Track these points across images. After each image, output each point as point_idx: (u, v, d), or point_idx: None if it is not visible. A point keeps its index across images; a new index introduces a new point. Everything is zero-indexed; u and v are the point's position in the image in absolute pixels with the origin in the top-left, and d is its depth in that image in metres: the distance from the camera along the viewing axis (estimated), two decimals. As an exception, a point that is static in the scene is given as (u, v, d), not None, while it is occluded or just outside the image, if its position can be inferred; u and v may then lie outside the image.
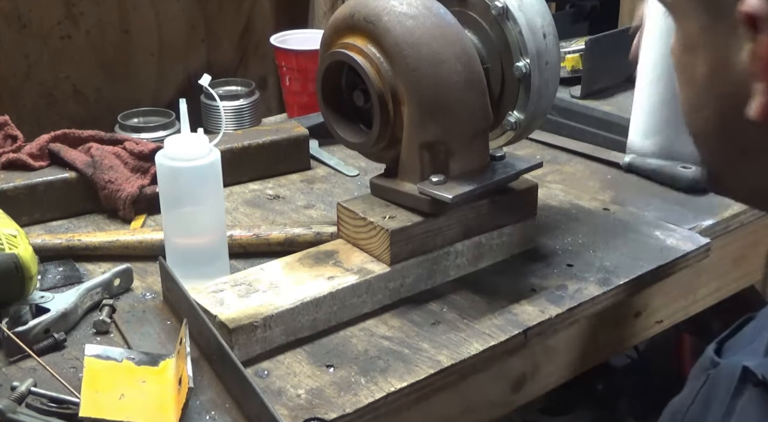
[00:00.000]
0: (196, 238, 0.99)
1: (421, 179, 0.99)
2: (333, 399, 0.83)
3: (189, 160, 0.95)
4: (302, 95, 1.47)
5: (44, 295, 0.92)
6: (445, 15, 0.98)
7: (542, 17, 1.02)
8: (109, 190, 1.13)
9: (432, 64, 0.95)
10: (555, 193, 1.23)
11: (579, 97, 1.41)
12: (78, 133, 1.20)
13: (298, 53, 1.45)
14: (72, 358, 0.88)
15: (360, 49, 0.97)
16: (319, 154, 1.33)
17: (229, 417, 0.80)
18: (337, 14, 1.01)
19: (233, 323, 0.86)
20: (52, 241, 1.05)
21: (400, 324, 0.94)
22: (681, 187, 1.23)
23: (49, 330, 0.89)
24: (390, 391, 0.84)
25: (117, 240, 1.05)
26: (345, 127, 1.05)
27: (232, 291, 0.92)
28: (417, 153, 0.98)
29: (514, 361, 0.95)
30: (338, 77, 1.04)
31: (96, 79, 1.51)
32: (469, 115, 0.99)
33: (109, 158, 1.15)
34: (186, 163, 0.95)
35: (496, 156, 1.07)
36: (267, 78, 1.70)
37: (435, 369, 0.87)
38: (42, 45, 1.44)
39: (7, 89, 1.43)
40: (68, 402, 0.80)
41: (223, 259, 1.01)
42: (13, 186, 1.12)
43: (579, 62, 1.45)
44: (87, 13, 1.47)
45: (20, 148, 1.17)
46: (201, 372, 0.85)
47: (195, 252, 0.99)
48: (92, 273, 1.03)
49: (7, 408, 0.77)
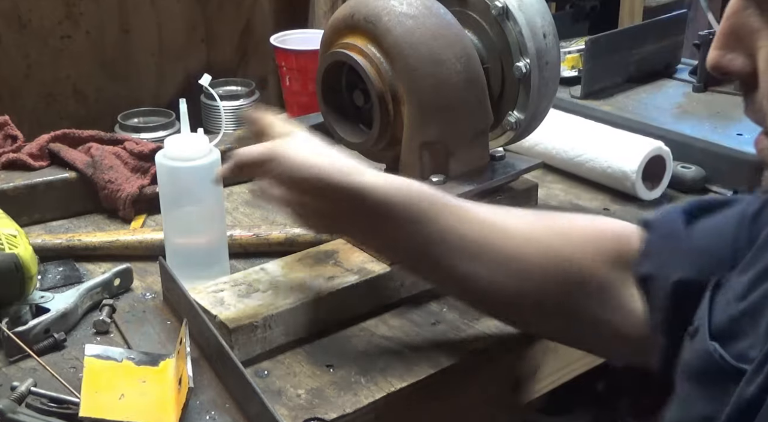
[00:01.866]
0: (196, 238, 0.99)
1: (421, 179, 0.99)
2: (333, 399, 0.83)
3: (188, 160, 0.95)
4: (302, 95, 1.46)
5: (44, 295, 0.92)
6: (445, 15, 0.98)
7: (542, 17, 1.02)
8: (109, 190, 1.13)
9: (432, 64, 0.95)
10: (555, 193, 1.23)
11: (579, 97, 1.41)
12: (78, 133, 1.20)
13: (298, 53, 1.45)
14: (72, 358, 0.88)
15: (360, 49, 0.97)
16: (319, 154, 1.33)
17: (229, 417, 0.80)
18: (337, 14, 1.01)
19: (233, 323, 0.86)
20: (52, 241, 1.05)
21: (400, 324, 0.94)
22: (681, 187, 1.23)
23: (49, 330, 0.89)
24: (390, 391, 0.84)
25: (117, 240, 1.05)
26: (345, 127, 1.05)
27: (232, 291, 0.92)
28: (417, 153, 0.98)
29: (514, 361, 0.95)
30: (338, 77, 1.04)
31: (96, 79, 1.51)
32: (469, 115, 0.99)
33: (109, 158, 1.15)
34: (185, 163, 0.95)
35: (496, 156, 1.07)
36: (267, 78, 1.70)
37: (435, 369, 0.87)
38: (42, 45, 1.44)
39: (7, 89, 1.43)
40: (68, 402, 0.80)
41: (223, 260, 1.01)
42: (13, 186, 1.12)
43: (579, 62, 1.45)
44: (87, 13, 1.47)
45: (20, 148, 1.17)
46: (201, 372, 0.85)
47: (195, 252, 0.99)
48: (92, 273, 1.03)
49: (7, 408, 0.77)
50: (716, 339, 0.64)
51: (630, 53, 1.46)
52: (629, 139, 1.22)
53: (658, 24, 1.51)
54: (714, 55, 0.56)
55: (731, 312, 0.65)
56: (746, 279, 0.66)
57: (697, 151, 1.24)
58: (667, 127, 1.30)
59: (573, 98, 1.42)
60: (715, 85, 1.44)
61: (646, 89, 1.47)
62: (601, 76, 1.43)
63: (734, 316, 0.64)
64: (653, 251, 0.81)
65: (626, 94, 1.44)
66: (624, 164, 1.18)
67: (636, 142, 1.20)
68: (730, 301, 0.65)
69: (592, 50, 1.40)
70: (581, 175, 1.25)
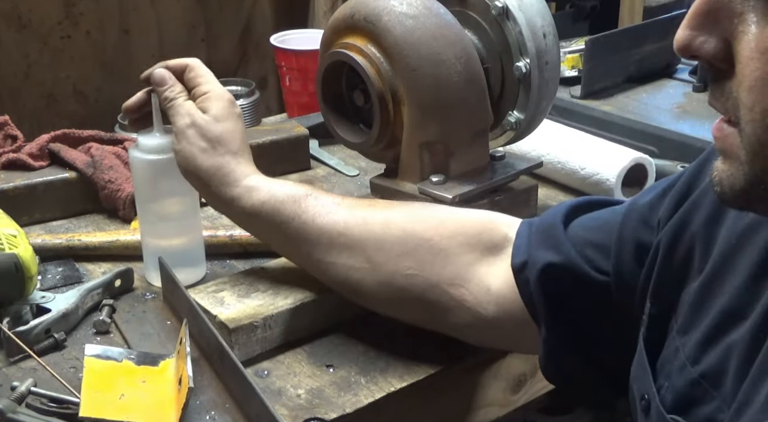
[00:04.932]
0: (167, 239, 0.99)
1: (421, 179, 0.99)
2: (333, 399, 0.83)
3: (160, 153, 0.95)
4: (302, 95, 1.46)
5: (45, 295, 0.92)
6: (445, 15, 0.98)
7: (542, 17, 1.02)
8: (109, 190, 1.13)
9: (432, 64, 0.95)
10: (555, 193, 1.23)
11: (579, 97, 1.41)
12: (78, 133, 1.20)
13: (298, 53, 1.45)
14: (72, 358, 0.88)
15: (360, 49, 0.97)
16: (319, 154, 1.33)
17: (229, 417, 0.80)
18: (337, 14, 1.01)
19: (233, 323, 0.86)
20: (52, 241, 1.05)
21: (401, 324, 0.94)
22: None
23: (49, 330, 0.89)
24: (390, 391, 0.84)
25: (117, 240, 1.05)
26: (345, 127, 1.05)
27: (232, 291, 0.92)
28: (417, 153, 0.98)
29: (514, 361, 0.95)
30: (338, 77, 1.04)
31: (96, 79, 1.51)
32: (469, 115, 0.99)
33: (109, 158, 1.14)
34: (157, 155, 0.94)
35: (496, 156, 1.07)
36: (267, 78, 1.71)
37: (435, 369, 0.87)
38: (42, 45, 1.44)
39: (7, 89, 1.43)
40: (68, 402, 0.80)
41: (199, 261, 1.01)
42: (13, 186, 1.12)
43: (579, 62, 1.45)
44: (87, 13, 1.47)
45: (20, 148, 1.17)
46: (201, 372, 0.85)
47: (167, 252, 0.98)
48: (92, 273, 1.03)
49: (7, 408, 0.77)
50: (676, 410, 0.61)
51: (630, 53, 1.46)
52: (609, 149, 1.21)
53: (658, 24, 1.51)
54: (684, 35, 0.52)
55: (689, 377, 0.61)
56: (693, 341, 0.63)
57: (697, 151, 1.23)
58: (667, 127, 1.30)
59: (573, 98, 1.42)
60: (715, 85, 1.44)
61: (646, 89, 1.47)
62: (601, 76, 1.43)
63: (693, 381, 0.61)
64: (527, 241, 0.81)
65: (626, 94, 1.44)
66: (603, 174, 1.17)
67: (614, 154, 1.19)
68: (685, 366, 0.62)
69: (592, 50, 1.40)
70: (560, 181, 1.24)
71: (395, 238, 0.85)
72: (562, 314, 0.78)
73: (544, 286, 0.78)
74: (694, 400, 0.61)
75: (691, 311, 0.64)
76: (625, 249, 0.74)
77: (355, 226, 0.86)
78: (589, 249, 0.77)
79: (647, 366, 0.66)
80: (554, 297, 0.78)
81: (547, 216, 0.84)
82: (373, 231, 0.85)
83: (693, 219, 0.67)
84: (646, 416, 0.65)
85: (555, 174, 1.23)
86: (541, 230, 0.81)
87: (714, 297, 0.62)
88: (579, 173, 1.19)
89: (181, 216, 0.99)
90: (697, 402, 0.60)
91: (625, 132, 1.31)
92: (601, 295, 0.76)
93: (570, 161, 1.20)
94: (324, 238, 0.86)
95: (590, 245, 0.77)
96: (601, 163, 1.17)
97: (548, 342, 0.79)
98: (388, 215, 0.87)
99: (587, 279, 0.76)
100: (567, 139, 1.24)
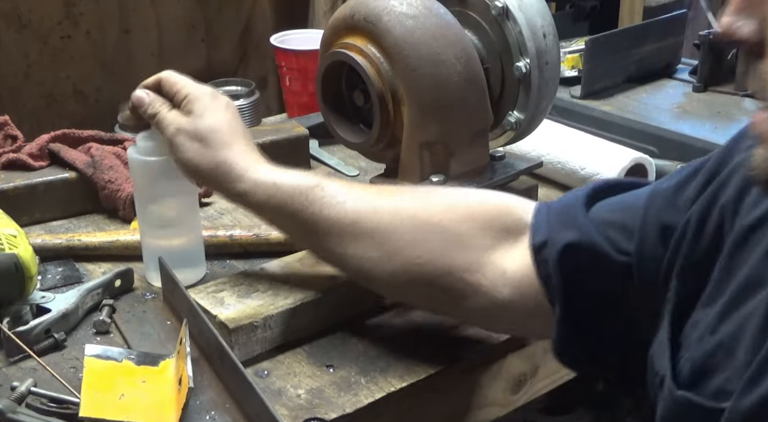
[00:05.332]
0: (167, 239, 0.99)
1: (421, 179, 0.99)
2: (333, 399, 0.83)
3: (152, 155, 0.95)
4: (302, 95, 1.46)
5: (45, 295, 0.92)
6: (445, 15, 0.98)
7: (542, 17, 1.02)
8: (109, 190, 1.13)
9: (432, 64, 0.95)
10: (555, 193, 1.23)
11: (579, 97, 1.41)
12: (78, 133, 1.20)
13: (298, 53, 1.45)
14: (72, 358, 0.88)
15: (360, 49, 0.97)
16: (319, 154, 1.33)
17: (229, 417, 0.80)
18: (337, 14, 1.01)
19: (233, 323, 0.86)
20: (52, 241, 1.05)
21: (401, 324, 0.94)
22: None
23: (49, 330, 0.89)
24: (390, 391, 0.84)
25: (117, 240, 1.05)
26: (345, 127, 1.05)
27: (232, 291, 0.92)
28: (417, 153, 0.98)
29: (514, 361, 0.95)
30: (338, 77, 1.04)
31: (96, 79, 1.51)
32: (469, 115, 0.99)
33: (109, 158, 1.15)
34: (156, 157, 0.95)
35: (496, 156, 1.07)
36: (267, 78, 1.70)
37: (435, 369, 0.87)
38: (42, 45, 1.44)
39: (7, 89, 1.43)
40: (68, 402, 0.80)
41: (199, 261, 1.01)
42: (13, 186, 1.12)
43: (579, 62, 1.45)
44: (87, 13, 1.47)
45: (20, 148, 1.17)
46: (201, 372, 0.85)
47: (167, 252, 0.98)
48: (92, 273, 1.03)
49: (7, 408, 0.77)
50: (687, 384, 0.62)
51: (630, 53, 1.46)
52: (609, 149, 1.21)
53: (658, 24, 1.51)
54: (727, 20, 0.54)
55: (706, 347, 0.63)
56: (714, 312, 0.64)
57: (697, 151, 1.24)
58: (667, 127, 1.30)
59: (573, 98, 1.42)
60: (715, 85, 1.44)
61: (646, 89, 1.47)
62: (601, 76, 1.43)
63: (709, 351, 0.62)
64: (546, 222, 0.81)
65: (626, 94, 1.44)
66: (603, 174, 1.17)
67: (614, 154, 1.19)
68: (704, 336, 0.63)
69: (592, 50, 1.40)
70: (560, 181, 1.24)
71: (405, 227, 0.84)
72: (578, 296, 0.77)
73: (563, 266, 0.77)
74: (708, 370, 0.61)
75: (716, 283, 0.65)
76: (650, 231, 0.74)
77: (364, 216, 0.85)
78: (611, 231, 0.76)
79: (667, 344, 0.67)
80: (572, 277, 0.77)
81: (566, 197, 0.83)
82: (383, 220, 0.85)
83: (722, 196, 0.68)
84: (659, 393, 0.66)
85: (555, 174, 1.23)
86: (562, 211, 0.81)
87: (738, 268, 0.63)
88: (579, 173, 1.19)
89: (180, 216, 0.99)
90: (711, 372, 0.61)
91: (625, 132, 1.31)
92: (620, 278, 0.76)
93: (570, 161, 1.20)
94: (334, 230, 0.86)
95: (613, 226, 0.77)
96: (601, 163, 1.17)
97: (562, 322, 0.78)
98: (398, 203, 0.86)
99: (608, 260, 0.76)
100: (567, 139, 1.25)
